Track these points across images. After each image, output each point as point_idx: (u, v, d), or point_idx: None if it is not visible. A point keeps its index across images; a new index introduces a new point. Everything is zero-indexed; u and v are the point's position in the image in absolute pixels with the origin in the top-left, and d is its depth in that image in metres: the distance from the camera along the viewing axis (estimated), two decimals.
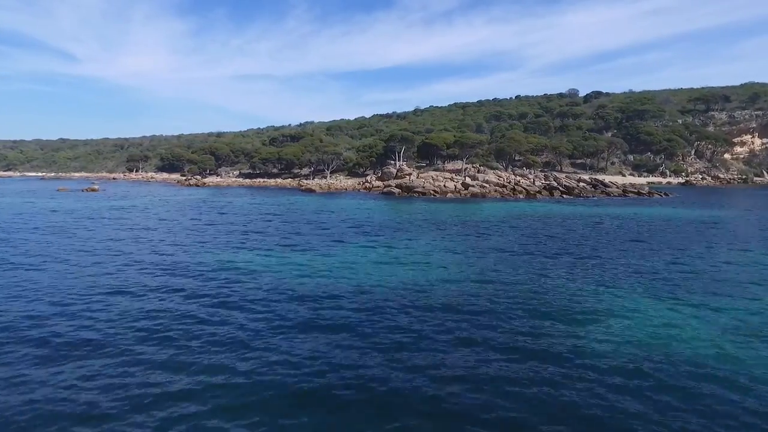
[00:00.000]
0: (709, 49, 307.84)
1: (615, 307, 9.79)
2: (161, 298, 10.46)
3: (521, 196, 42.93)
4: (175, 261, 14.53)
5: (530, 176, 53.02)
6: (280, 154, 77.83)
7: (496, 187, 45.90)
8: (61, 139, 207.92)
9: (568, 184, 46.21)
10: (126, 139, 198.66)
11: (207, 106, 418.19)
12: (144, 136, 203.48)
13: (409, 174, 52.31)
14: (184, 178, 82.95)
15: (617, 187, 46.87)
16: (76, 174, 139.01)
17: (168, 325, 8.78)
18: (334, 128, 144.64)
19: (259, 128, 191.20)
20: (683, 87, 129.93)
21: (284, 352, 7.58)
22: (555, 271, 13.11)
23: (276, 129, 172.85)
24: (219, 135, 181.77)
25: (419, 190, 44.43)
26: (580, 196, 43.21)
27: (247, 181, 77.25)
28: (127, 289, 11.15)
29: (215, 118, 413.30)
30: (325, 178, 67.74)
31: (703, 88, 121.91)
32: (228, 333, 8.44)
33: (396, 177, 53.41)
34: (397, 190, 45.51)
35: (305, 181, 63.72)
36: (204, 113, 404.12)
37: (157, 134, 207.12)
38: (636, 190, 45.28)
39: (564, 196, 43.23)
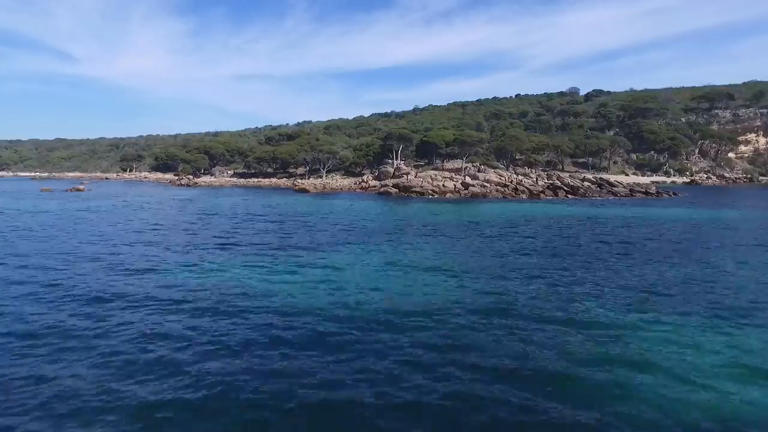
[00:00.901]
0: (709, 48, 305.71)
1: (663, 343, 7.80)
2: (94, 312, 8.50)
3: (524, 197, 40.98)
4: (127, 267, 12.56)
5: (533, 175, 51.09)
6: (275, 153, 75.81)
7: (498, 187, 43.94)
8: (58, 139, 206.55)
9: (572, 183, 44.25)
10: (122, 139, 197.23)
11: (206, 106, 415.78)
12: (140, 136, 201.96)
13: (407, 173, 50.35)
14: (176, 178, 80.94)
15: (624, 187, 44.92)
16: (70, 174, 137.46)
17: (93, 343, 6.83)
18: (332, 127, 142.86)
19: (256, 127, 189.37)
20: (685, 86, 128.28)
21: (237, 386, 5.65)
22: (577, 288, 11.13)
23: (274, 128, 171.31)
24: (216, 134, 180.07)
25: (417, 189, 42.46)
26: (586, 197, 41.27)
27: (242, 180, 75.25)
28: (58, 300, 9.19)
29: (214, 118, 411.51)
30: (321, 177, 65.76)
31: (705, 86, 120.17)
32: (167, 355, 6.53)
33: (393, 176, 51.44)
34: (394, 190, 43.53)
35: (299, 181, 61.73)
36: (203, 113, 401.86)
37: (153, 134, 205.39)
38: (644, 190, 43.34)
39: (569, 196, 41.28)
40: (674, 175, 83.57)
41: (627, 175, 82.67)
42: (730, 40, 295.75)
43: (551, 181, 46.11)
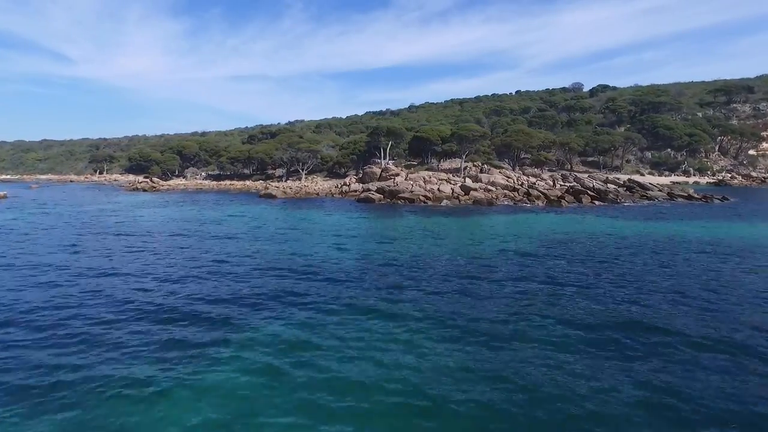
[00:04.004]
0: (706, 47, 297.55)
1: None
2: None
3: (539, 203, 32.72)
4: None
5: (545, 177, 42.96)
6: (250, 152, 67.46)
7: (506, 191, 35.75)
8: (45, 140, 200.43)
9: (598, 186, 36.06)
10: (105, 140, 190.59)
11: (203, 107, 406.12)
12: (126, 136, 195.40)
13: (396, 174, 42.08)
14: (135, 181, 72.95)
15: (659, 190, 36.78)
16: (42, 176, 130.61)
17: None
18: (323, 126, 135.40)
19: (246, 127, 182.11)
20: (694, 80, 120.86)
21: None
22: None
23: (264, 127, 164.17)
24: (203, 134, 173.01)
25: (406, 195, 34.06)
26: (617, 202, 33.06)
27: (213, 183, 66.84)
28: None
29: (211, 119, 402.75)
30: (300, 179, 57.43)
31: (716, 80, 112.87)
32: None
33: (380, 178, 43.19)
34: (377, 196, 35.14)
35: (274, 184, 53.43)
36: (200, 114, 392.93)
37: (140, 134, 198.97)
38: (686, 194, 35.19)
39: (595, 202, 33.06)
40: (694, 175, 75.67)
41: (642, 174, 74.73)
42: (727, 40, 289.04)
43: (570, 184, 37.93)
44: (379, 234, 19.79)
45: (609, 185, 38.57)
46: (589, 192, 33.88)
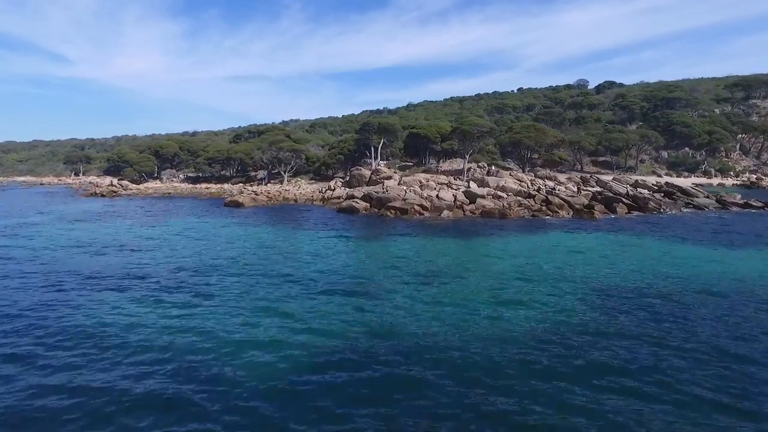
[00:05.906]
0: (705, 46, 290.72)
1: None
2: None
3: (564, 214, 26.27)
4: None
5: (563, 180, 36.60)
6: (228, 152, 61.02)
7: (519, 198, 29.34)
8: (35, 140, 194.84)
9: (633, 193, 29.67)
10: (93, 140, 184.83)
11: (202, 108, 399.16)
12: (114, 136, 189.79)
13: (388, 178, 35.66)
14: (95, 184, 66.63)
15: (705, 196, 30.45)
16: (20, 178, 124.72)
17: None
18: (318, 125, 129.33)
19: (240, 126, 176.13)
20: (704, 77, 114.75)
21: None
22: None
23: (255, 126, 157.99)
24: (194, 134, 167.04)
25: (397, 205, 27.44)
26: (659, 212, 26.68)
27: (188, 186, 60.33)
28: None
29: (210, 119, 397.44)
30: (282, 182, 51.00)
31: (729, 76, 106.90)
32: None
33: (369, 182, 36.81)
34: (362, 205, 28.58)
35: (251, 188, 46.97)
36: (198, 115, 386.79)
37: (130, 134, 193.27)
38: (742, 201, 28.83)
39: (632, 212, 26.67)
40: (716, 176, 69.48)
41: (659, 176, 68.55)
42: (725, 40, 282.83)
43: (596, 189, 31.57)
44: (351, 273, 13.39)
45: (642, 190, 32.21)
46: (623, 200, 27.46)
